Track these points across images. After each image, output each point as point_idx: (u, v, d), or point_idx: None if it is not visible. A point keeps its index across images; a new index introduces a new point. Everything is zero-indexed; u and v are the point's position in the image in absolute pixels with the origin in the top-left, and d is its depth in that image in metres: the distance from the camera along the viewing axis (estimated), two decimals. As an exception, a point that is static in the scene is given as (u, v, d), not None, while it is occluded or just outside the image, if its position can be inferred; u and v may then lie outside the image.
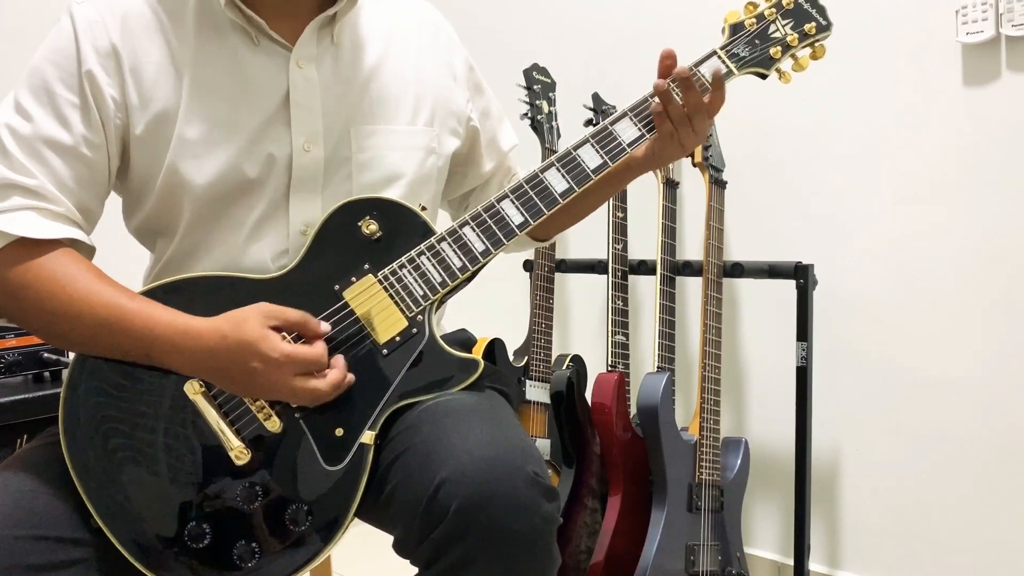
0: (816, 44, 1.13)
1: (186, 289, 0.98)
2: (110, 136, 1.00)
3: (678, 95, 1.06)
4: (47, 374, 1.61)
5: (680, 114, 1.06)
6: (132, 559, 0.91)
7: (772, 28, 1.11)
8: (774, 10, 1.12)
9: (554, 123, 2.00)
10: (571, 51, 2.25)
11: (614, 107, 1.95)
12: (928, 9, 1.70)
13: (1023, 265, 1.64)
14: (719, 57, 1.10)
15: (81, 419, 0.94)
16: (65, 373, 0.97)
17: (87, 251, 1.01)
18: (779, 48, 1.11)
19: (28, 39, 1.14)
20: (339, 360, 0.96)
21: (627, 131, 1.07)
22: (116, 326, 0.93)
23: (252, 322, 0.92)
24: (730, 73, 1.10)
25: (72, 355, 0.98)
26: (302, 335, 0.95)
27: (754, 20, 1.11)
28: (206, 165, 1.01)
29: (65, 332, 0.95)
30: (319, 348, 0.94)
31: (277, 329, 0.93)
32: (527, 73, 2.02)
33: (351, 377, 0.96)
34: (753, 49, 1.11)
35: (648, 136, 1.08)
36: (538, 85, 2.01)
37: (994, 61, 1.64)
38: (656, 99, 1.07)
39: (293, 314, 0.94)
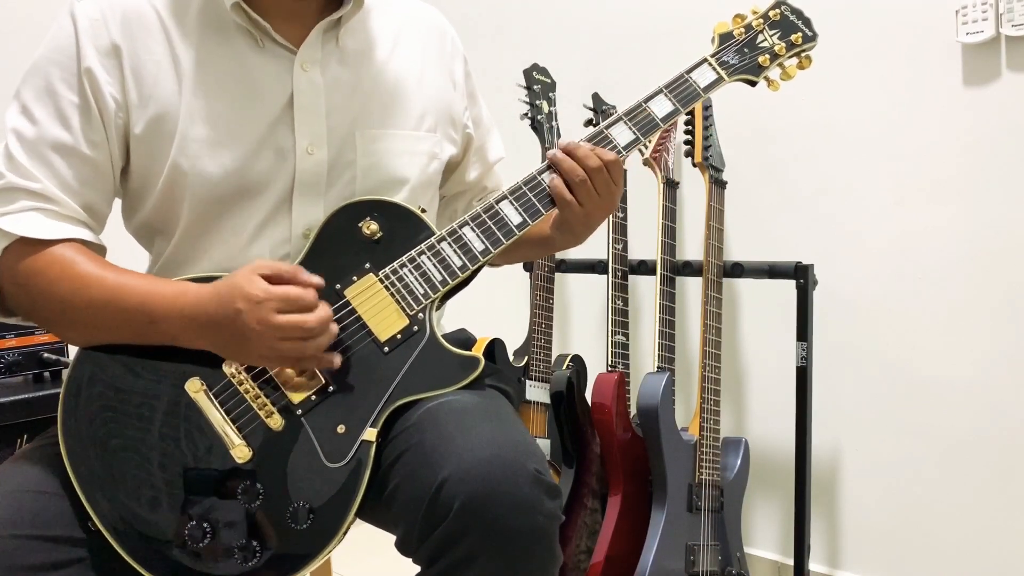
0: (802, 54, 1.18)
1: None
2: (111, 135, 1.00)
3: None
4: (47, 374, 1.61)
5: (580, 175, 1.03)
6: (132, 561, 0.91)
7: (760, 38, 1.16)
8: (761, 21, 1.16)
9: (554, 123, 2.00)
10: (571, 51, 2.25)
11: (614, 107, 1.95)
12: (928, 9, 1.70)
13: (1023, 265, 1.64)
14: (710, 64, 1.13)
15: (80, 420, 0.94)
16: (65, 373, 0.97)
17: (97, 250, 1.01)
18: (767, 57, 1.15)
19: (28, 36, 1.14)
20: (324, 306, 0.94)
21: (622, 135, 1.09)
22: (121, 298, 0.94)
23: (242, 271, 0.93)
24: (720, 79, 1.13)
25: (72, 356, 0.98)
26: (293, 284, 0.94)
27: (743, 30, 1.16)
28: (209, 166, 1.01)
29: (74, 317, 0.95)
30: (306, 291, 0.92)
31: (267, 278, 0.92)
32: (527, 73, 2.02)
33: (335, 328, 0.95)
34: (742, 57, 1.15)
35: (643, 140, 1.10)
36: (538, 85, 2.01)
37: (994, 61, 1.65)
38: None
39: (285, 265, 0.94)
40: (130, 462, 0.92)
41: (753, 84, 1.16)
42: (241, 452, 0.92)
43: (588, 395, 1.81)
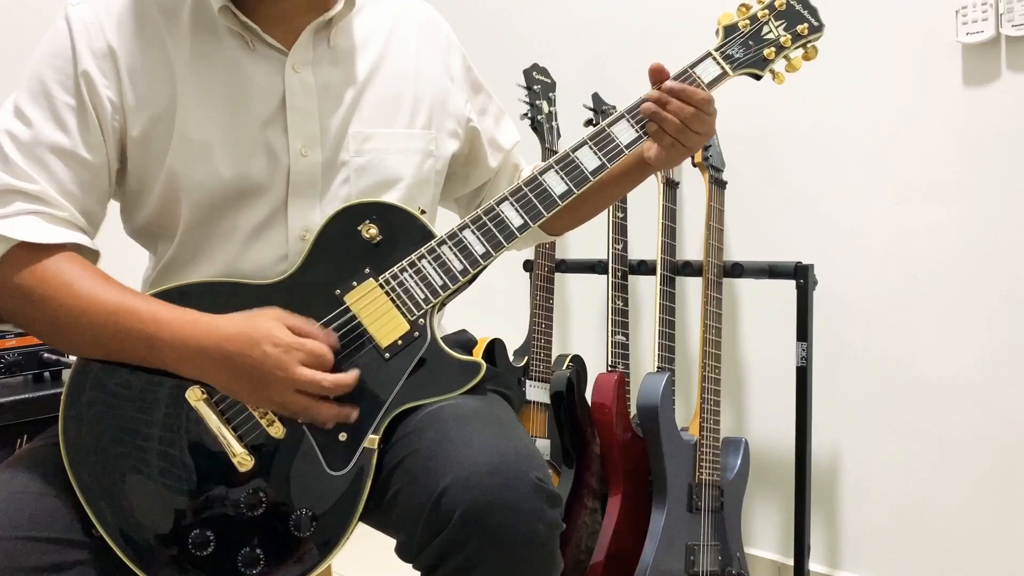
0: (808, 45, 1.14)
1: (186, 295, 0.97)
2: (108, 138, 0.99)
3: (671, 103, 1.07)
4: (47, 374, 1.60)
5: (675, 124, 1.06)
6: (134, 567, 0.90)
7: (765, 29, 1.12)
8: (767, 11, 1.12)
9: (554, 123, 2.00)
10: (571, 51, 2.25)
11: (614, 107, 1.95)
12: (928, 9, 1.70)
13: (1023, 265, 1.64)
14: (714, 58, 1.10)
15: (82, 427, 0.93)
16: (66, 374, 0.96)
17: (91, 256, 1.00)
18: (772, 49, 1.12)
19: (26, 39, 1.14)
20: (353, 371, 0.95)
21: (624, 133, 1.08)
22: (122, 321, 0.92)
23: (268, 316, 0.93)
24: (725, 74, 1.10)
25: (73, 359, 0.98)
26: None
27: (747, 21, 1.12)
28: (204, 169, 1.00)
29: (70, 333, 0.95)
30: (328, 351, 0.93)
31: (291, 329, 0.93)
32: (527, 73, 2.02)
33: (354, 377, 0.94)
34: (747, 50, 1.11)
35: (645, 138, 1.08)
36: (538, 85, 2.01)
37: (994, 61, 1.64)
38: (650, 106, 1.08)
39: (306, 324, 0.94)
40: (132, 470, 0.92)
41: (758, 78, 1.13)
42: (243, 460, 0.92)
43: (588, 395, 1.82)
